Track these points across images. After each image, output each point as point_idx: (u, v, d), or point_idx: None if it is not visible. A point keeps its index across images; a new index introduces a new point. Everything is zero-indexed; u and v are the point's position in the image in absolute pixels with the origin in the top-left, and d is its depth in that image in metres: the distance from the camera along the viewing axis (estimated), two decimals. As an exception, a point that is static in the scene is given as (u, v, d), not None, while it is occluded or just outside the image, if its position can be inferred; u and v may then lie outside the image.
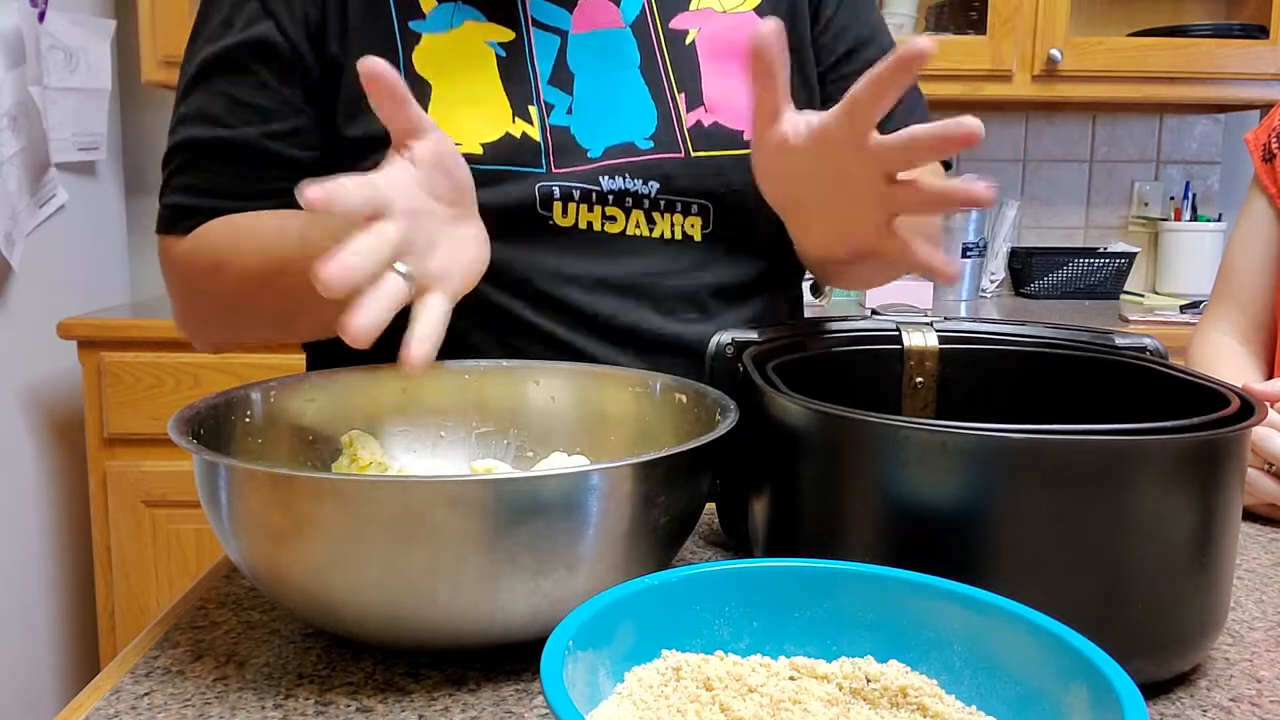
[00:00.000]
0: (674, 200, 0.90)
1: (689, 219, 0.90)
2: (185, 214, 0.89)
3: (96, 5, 2.14)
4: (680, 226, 0.90)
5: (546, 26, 0.90)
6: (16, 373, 1.93)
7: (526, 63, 0.89)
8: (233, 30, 0.87)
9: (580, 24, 0.91)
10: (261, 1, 0.87)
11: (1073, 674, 0.41)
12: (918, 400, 0.75)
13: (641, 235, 0.89)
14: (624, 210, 0.89)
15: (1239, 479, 0.56)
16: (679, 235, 0.90)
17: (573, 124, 0.88)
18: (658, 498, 0.57)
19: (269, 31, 0.86)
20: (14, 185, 1.85)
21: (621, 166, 0.88)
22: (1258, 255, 1.20)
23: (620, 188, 0.88)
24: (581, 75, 0.89)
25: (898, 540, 0.55)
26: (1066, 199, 2.52)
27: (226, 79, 0.87)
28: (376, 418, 0.75)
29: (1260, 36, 2.18)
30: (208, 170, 0.88)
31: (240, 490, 0.56)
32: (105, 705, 0.54)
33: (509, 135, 0.86)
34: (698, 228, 0.91)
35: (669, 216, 0.90)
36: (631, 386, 0.76)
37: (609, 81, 0.90)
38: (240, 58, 0.87)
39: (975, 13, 2.22)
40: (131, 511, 1.93)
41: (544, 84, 0.88)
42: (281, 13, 0.87)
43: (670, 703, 0.43)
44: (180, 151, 0.89)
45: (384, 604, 0.54)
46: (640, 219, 0.89)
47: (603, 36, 0.91)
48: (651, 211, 0.89)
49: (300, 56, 0.87)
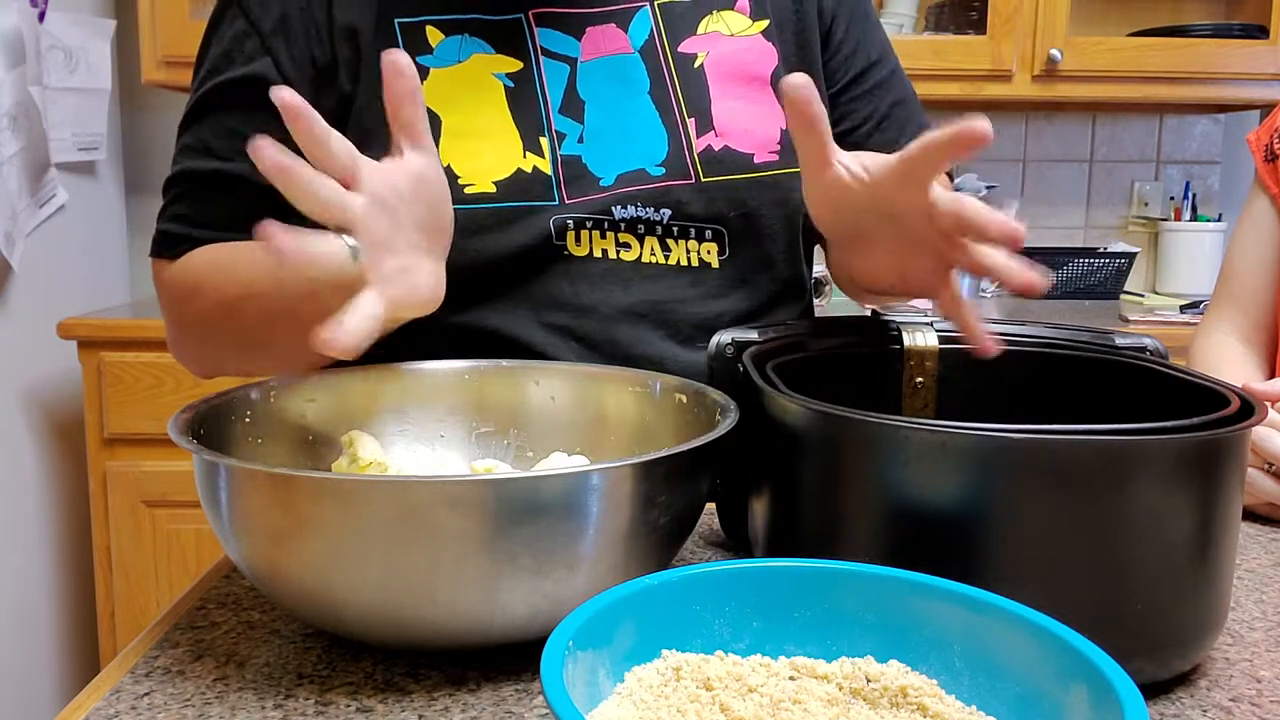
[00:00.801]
0: (687, 226, 0.90)
1: (704, 245, 0.90)
2: (175, 240, 0.90)
3: (96, 5, 2.14)
4: (696, 253, 0.90)
5: (555, 55, 0.90)
6: (16, 373, 1.93)
7: (536, 92, 0.89)
8: (233, 65, 0.88)
9: (589, 51, 0.90)
10: (261, 38, 0.87)
11: (1073, 674, 0.41)
12: (918, 400, 0.75)
13: (657, 262, 0.89)
14: (637, 237, 0.89)
15: (1239, 479, 0.56)
16: (695, 261, 0.90)
17: (584, 153, 0.89)
18: (658, 498, 0.57)
19: (266, 69, 0.87)
20: (14, 185, 1.85)
21: (633, 195, 0.88)
22: (1259, 255, 1.20)
23: (632, 215, 0.88)
24: (592, 103, 0.90)
25: (897, 540, 0.55)
26: (1066, 199, 2.52)
27: (224, 112, 0.88)
28: (376, 418, 0.75)
29: (1260, 36, 2.18)
30: (200, 200, 0.90)
31: (240, 490, 0.56)
32: (105, 705, 0.54)
33: (520, 171, 0.87)
34: (714, 253, 0.90)
35: (683, 243, 0.90)
36: (631, 386, 0.76)
37: (620, 108, 0.90)
38: (237, 92, 0.88)
39: (975, 13, 2.22)
40: (131, 511, 1.93)
41: (555, 113, 0.89)
42: (280, 51, 0.87)
43: (670, 703, 0.43)
44: (178, 181, 0.91)
45: (384, 604, 0.54)
46: (655, 246, 0.89)
47: (612, 63, 0.91)
48: (665, 238, 0.89)
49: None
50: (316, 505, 0.53)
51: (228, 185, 0.87)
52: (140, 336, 1.90)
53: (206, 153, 0.89)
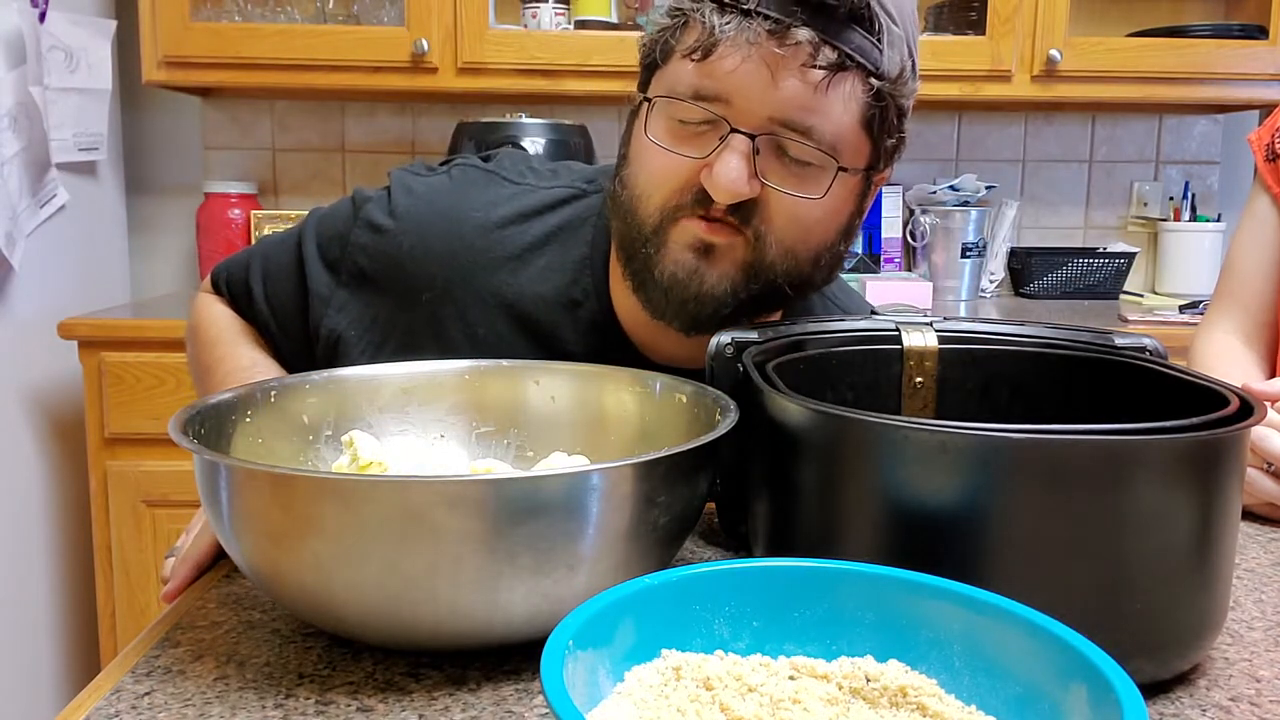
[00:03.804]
0: None
1: None
2: (233, 294, 1.02)
3: (97, 5, 2.14)
4: None
5: None
6: (16, 373, 1.93)
7: None
8: (319, 255, 0.96)
9: None
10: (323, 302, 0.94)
11: (1072, 674, 0.41)
12: (918, 400, 0.75)
13: None
14: None
15: (1238, 479, 0.56)
16: None
17: None
18: (658, 498, 0.57)
19: (319, 286, 0.95)
20: (14, 185, 1.85)
21: None
22: (1260, 254, 1.20)
23: None
24: None
25: (897, 540, 0.55)
26: (1066, 199, 2.52)
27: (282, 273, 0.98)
28: (376, 418, 0.75)
29: (1260, 37, 2.17)
30: (248, 306, 1.01)
31: (240, 490, 0.56)
32: (105, 705, 0.54)
33: None
34: None
35: None
36: (631, 386, 0.76)
37: None
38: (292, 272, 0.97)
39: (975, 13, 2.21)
40: (132, 511, 1.93)
41: None
42: (346, 303, 0.94)
43: (670, 702, 0.43)
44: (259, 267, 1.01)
45: (384, 604, 0.54)
46: None
47: None
48: None
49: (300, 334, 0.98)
50: (316, 505, 0.53)
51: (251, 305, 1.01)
52: (140, 336, 1.90)
53: (274, 290, 0.99)
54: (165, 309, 2.03)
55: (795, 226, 0.78)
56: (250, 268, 1.00)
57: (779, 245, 0.78)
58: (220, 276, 1.03)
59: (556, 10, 2.12)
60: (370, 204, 0.94)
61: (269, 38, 2.04)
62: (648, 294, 0.81)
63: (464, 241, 0.90)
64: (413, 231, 0.91)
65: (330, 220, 0.97)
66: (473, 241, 0.90)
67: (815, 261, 0.81)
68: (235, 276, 1.02)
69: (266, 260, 1.00)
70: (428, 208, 0.92)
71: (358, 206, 0.94)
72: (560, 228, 0.92)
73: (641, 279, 0.81)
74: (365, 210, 0.93)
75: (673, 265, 0.79)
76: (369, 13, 2.14)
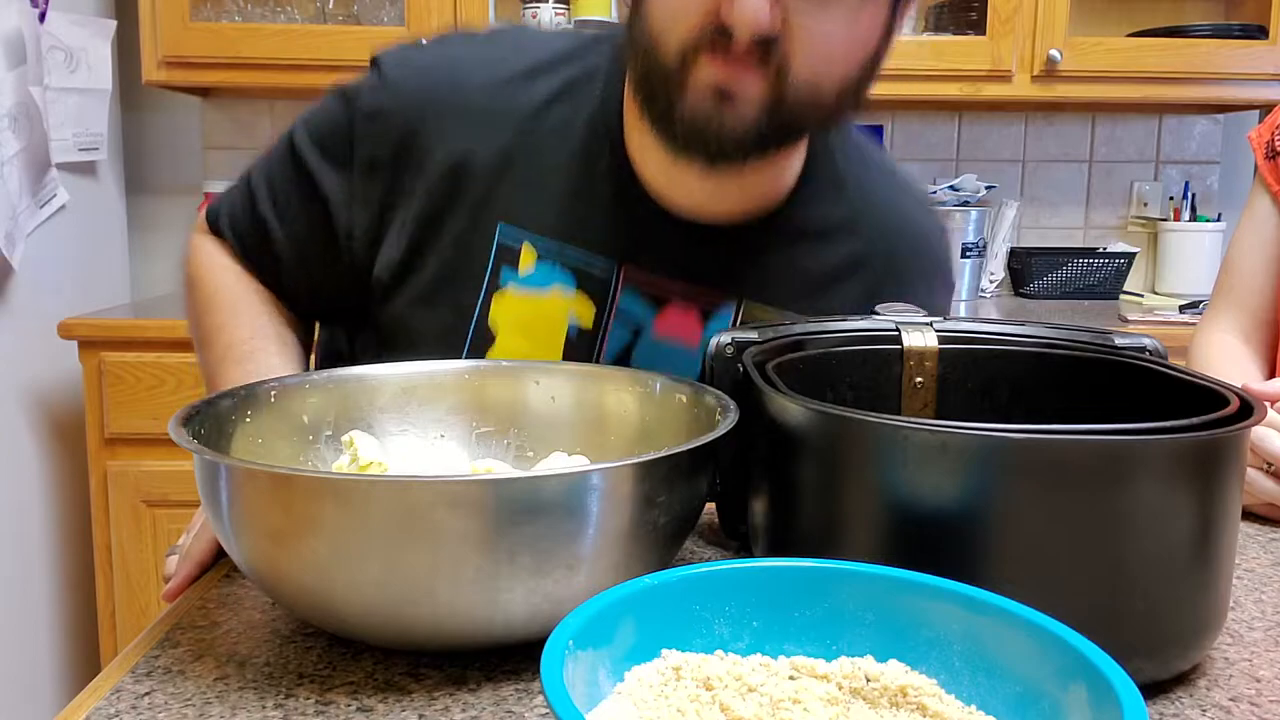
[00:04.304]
0: None
1: None
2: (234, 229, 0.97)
3: (97, 5, 2.14)
4: None
5: (627, 319, 0.90)
6: (16, 373, 1.93)
7: (594, 347, 0.90)
8: (316, 155, 0.92)
9: (660, 326, 0.91)
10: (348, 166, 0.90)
11: (1072, 674, 0.41)
12: (918, 400, 0.75)
13: None
14: None
15: (1238, 479, 0.56)
16: None
17: None
18: (658, 498, 0.57)
19: (331, 190, 0.91)
20: (14, 185, 1.85)
21: None
22: (1260, 253, 1.20)
23: None
24: None
25: (897, 540, 0.55)
26: (1066, 199, 2.52)
27: (285, 177, 0.94)
28: (376, 418, 0.75)
29: (1260, 36, 2.18)
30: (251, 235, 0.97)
31: (240, 490, 0.56)
32: (106, 705, 0.54)
33: None
34: None
35: None
36: (631, 386, 0.76)
37: None
38: (301, 173, 0.93)
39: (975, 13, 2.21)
40: (132, 511, 1.93)
41: None
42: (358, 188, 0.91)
43: (670, 702, 0.43)
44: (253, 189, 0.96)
45: (384, 604, 0.54)
46: None
47: (673, 351, 0.91)
48: None
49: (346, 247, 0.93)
50: (316, 505, 0.53)
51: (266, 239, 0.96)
52: (140, 336, 1.90)
53: (272, 209, 0.95)
54: (165, 309, 2.03)
55: (818, 57, 0.76)
56: (256, 198, 0.95)
57: (802, 77, 0.76)
58: (221, 220, 0.98)
59: (556, 10, 2.12)
60: (363, 94, 0.91)
61: (269, 38, 2.04)
62: (669, 132, 0.80)
63: (471, 101, 0.89)
64: (414, 106, 0.89)
65: (323, 123, 0.93)
66: (481, 102, 0.89)
67: (839, 94, 0.80)
68: (239, 214, 0.97)
69: (271, 187, 0.95)
70: (424, 78, 0.90)
71: (349, 100, 0.91)
72: (570, 83, 0.90)
73: (663, 118, 0.80)
74: (360, 101, 0.90)
75: (693, 109, 0.77)
76: (369, 13, 2.15)
